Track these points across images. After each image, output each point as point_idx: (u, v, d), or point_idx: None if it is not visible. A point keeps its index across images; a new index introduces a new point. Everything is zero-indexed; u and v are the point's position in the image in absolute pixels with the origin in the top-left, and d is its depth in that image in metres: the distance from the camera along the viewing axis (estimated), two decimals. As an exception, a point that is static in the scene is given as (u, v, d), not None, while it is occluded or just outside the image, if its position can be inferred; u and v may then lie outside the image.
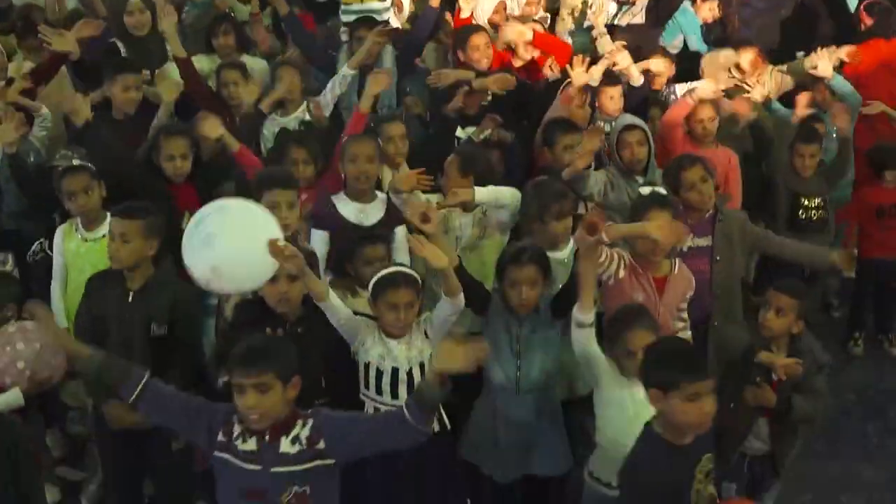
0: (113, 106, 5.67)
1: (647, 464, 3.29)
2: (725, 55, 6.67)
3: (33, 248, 5.33)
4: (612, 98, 6.23)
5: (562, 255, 4.66)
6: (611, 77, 6.25)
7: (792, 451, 4.44)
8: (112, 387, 3.43)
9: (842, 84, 6.57)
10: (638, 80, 6.33)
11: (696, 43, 7.57)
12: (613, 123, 5.96)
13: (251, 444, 3.30)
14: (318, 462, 3.29)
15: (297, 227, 4.61)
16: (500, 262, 4.24)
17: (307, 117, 5.77)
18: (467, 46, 6.37)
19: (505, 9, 7.09)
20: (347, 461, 3.38)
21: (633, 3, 7.69)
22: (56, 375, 4.18)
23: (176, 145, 5.09)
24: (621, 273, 4.43)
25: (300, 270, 3.78)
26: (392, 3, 6.67)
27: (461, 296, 3.96)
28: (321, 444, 3.28)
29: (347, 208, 4.89)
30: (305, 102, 5.82)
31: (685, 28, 7.64)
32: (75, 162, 4.99)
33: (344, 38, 6.47)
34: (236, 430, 3.33)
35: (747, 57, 6.76)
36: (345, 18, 6.58)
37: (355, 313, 4.10)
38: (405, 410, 3.21)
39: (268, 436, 3.29)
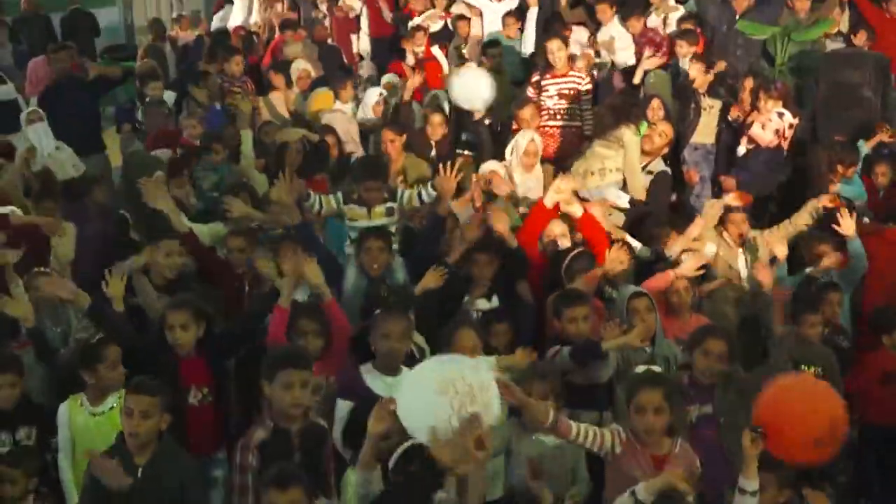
0: (153, 272, 5.87)
1: None
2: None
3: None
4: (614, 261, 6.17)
5: None
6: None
7: None
8: None
9: (859, 247, 6.61)
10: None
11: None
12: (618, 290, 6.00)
13: None
14: None
15: (309, 404, 4.55)
16: None
17: None
18: None
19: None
20: None
21: None
22: None
23: (175, 316, 5.15)
24: (617, 449, 4.42)
25: None
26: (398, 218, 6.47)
27: None
28: None
29: (376, 383, 4.85)
30: None
31: None
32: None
33: (349, 251, 6.39)
34: None
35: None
36: (353, 234, 6.35)
37: None
38: None
39: None
